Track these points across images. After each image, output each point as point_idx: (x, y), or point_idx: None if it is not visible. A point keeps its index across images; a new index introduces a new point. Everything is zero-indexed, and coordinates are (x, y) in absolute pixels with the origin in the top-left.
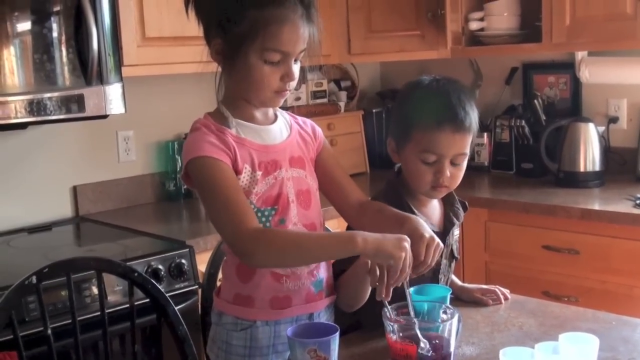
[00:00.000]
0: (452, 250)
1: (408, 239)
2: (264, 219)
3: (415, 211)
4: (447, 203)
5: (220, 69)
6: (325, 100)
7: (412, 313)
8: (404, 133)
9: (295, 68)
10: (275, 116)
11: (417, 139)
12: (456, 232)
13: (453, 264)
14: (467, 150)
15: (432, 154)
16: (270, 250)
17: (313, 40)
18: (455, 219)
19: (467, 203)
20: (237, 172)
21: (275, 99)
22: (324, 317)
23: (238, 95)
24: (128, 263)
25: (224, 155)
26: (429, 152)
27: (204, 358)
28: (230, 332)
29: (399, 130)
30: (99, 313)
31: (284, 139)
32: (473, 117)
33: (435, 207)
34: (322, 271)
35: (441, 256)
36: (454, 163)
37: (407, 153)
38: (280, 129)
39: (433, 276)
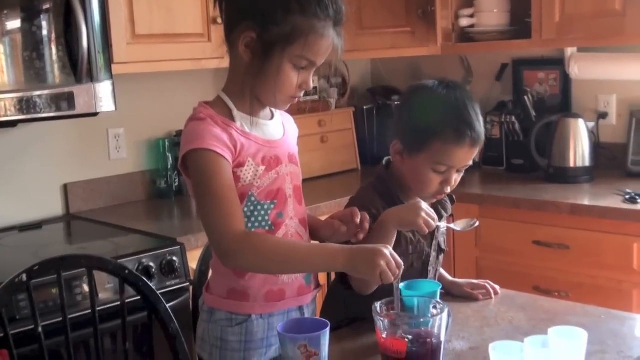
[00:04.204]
0: (439, 242)
1: (383, 250)
2: (263, 213)
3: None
4: None
5: (228, 59)
6: (316, 97)
7: (397, 308)
8: (418, 141)
9: (311, 78)
10: (272, 112)
11: (434, 150)
12: (443, 224)
13: (441, 257)
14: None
15: (444, 165)
16: (253, 256)
17: (336, 55)
18: (443, 212)
19: (454, 196)
20: (240, 164)
21: (286, 103)
22: (311, 308)
23: (249, 89)
24: (119, 261)
25: (227, 152)
26: (442, 164)
27: (195, 355)
28: (225, 328)
29: (412, 137)
30: (89, 311)
31: (282, 135)
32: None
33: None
34: None
35: (430, 248)
36: (458, 171)
37: (418, 160)
38: (278, 124)
39: (422, 268)
